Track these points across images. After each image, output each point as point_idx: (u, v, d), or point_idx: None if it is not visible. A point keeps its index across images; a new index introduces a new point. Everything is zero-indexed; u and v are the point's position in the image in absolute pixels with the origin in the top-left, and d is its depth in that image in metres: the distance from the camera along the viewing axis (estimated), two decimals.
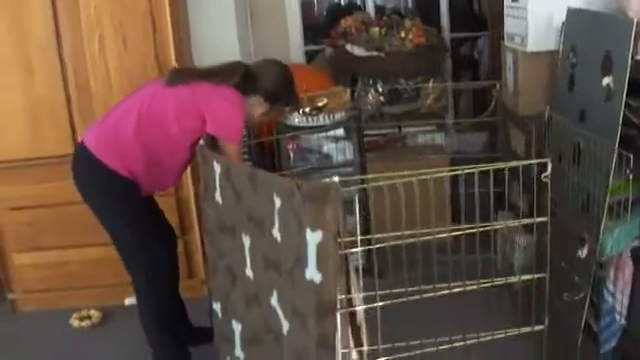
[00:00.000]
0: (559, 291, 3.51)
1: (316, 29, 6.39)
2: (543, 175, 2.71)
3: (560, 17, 3.82)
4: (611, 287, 3.50)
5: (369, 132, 5.08)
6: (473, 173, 3.18)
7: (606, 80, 3.31)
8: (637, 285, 3.42)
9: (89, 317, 4.56)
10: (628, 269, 3.43)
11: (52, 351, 4.30)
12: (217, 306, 3.35)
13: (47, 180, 4.45)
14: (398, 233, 2.77)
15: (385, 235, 2.75)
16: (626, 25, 3.15)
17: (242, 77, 3.50)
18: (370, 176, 2.85)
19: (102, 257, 4.50)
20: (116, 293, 4.58)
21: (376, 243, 2.85)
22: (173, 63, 4.29)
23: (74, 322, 4.53)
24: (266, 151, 4.72)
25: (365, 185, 2.61)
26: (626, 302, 3.47)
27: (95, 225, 4.36)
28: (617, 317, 3.52)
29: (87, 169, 3.53)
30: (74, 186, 3.68)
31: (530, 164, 2.94)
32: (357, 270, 2.75)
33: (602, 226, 3.24)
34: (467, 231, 3.03)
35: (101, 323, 4.57)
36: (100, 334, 4.48)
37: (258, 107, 3.61)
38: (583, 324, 3.39)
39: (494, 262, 4.38)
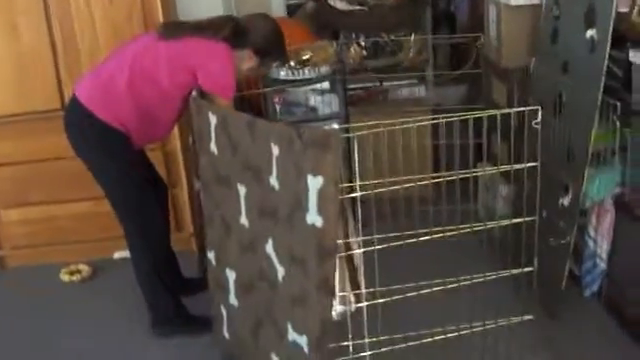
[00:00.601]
0: (542, 237, 3.62)
1: None
2: (534, 122, 2.80)
3: None
4: (592, 233, 3.63)
5: (351, 86, 5.12)
6: (453, 123, 3.28)
7: (590, 32, 3.39)
8: (618, 231, 3.55)
9: (79, 271, 4.61)
10: (610, 215, 3.55)
11: (42, 306, 4.34)
12: (211, 255, 3.41)
13: (33, 135, 4.47)
14: (385, 180, 2.85)
15: (371, 182, 2.83)
16: None
17: (232, 31, 3.52)
18: (355, 125, 2.92)
19: (90, 211, 4.57)
20: (105, 247, 4.63)
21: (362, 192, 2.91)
22: (159, 13, 4.33)
23: (64, 277, 4.58)
24: (251, 105, 4.76)
25: (355, 134, 2.66)
26: (607, 247, 3.60)
27: (82, 180, 4.41)
28: (598, 262, 3.65)
29: (79, 122, 3.56)
30: (61, 140, 3.72)
31: (517, 112, 3.01)
32: (355, 215, 2.83)
33: (585, 174, 3.34)
34: (448, 178, 3.11)
35: (91, 277, 4.61)
36: (90, 288, 4.53)
37: (247, 61, 3.63)
38: (567, 268, 3.52)
39: (475, 212, 4.48)
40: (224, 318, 3.44)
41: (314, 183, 2.59)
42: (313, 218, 2.64)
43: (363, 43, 5.38)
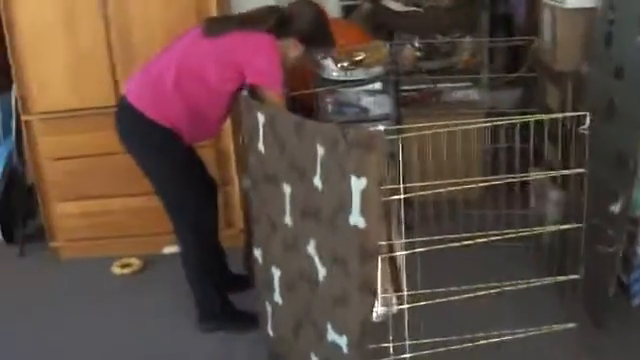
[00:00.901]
0: (591, 245, 3.58)
1: None
2: (581, 128, 2.77)
3: None
4: None
5: (405, 87, 5.11)
6: (510, 127, 3.26)
7: None
8: None
9: (130, 265, 4.68)
10: None
11: (94, 297, 4.41)
12: (258, 252, 3.44)
13: (90, 131, 4.55)
14: (431, 183, 2.84)
15: (420, 184, 2.82)
16: None
17: (276, 21, 3.52)
18: (406, 126, 2.92)
19: (143, 206, 4.61)
20: (156, 242, 4.69)
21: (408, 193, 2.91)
22: (214, 14, 4.36)
23: (115, 269, 4.65)
24: (303, 105, 4.78)
25: (400, 135, 2.66)
26: None
27: (136, 174, 4.45)
28: None
29: (130, 121, 3.62)
30: (116, 136, 3.78)
31: (566, 117, 2.99)
32: (399, 217, 2.83)
33: (635, 182, 3.30)
34: (498, 182, 3.09)
35: (141, 270, 4.68)
36: (141, 281, 4.59)
37: (293, 49, 3.61)
38: (616, 277, 3.47)
39: (525, 217, 4.44)
40: (269, 315, 3.46)
41: (358, 184, 2.61)
42: (356, 219, 2.65)
43: (417, 44, 5.36)
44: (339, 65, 4.47)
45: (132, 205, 4.68)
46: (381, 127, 2.55)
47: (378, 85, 4.57)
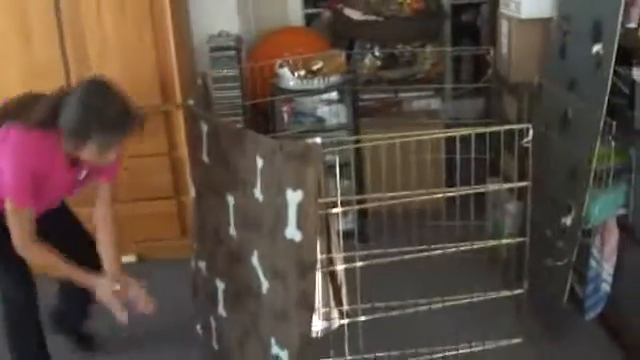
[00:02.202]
0: (544, 258, 3.54)
1: None
2: (524, 141, 2.72)
3: None
4: (597, 254, 3.53)
5: (365, 96, 5.08)
6: (463, 137, 3.20)
7: (596, 47, 3.31)
8: (622, 253, 3.45)
9: None
10: (614, 237, 3.45)
11: None
12: (202, 264, 3.38)
13: None
14: (382, 195, 2.80)
15: (367, 196, 2.78)
16: None
17: (48, 112, 2.81)
18: (354, 137, 2.87)
19: None
20: None
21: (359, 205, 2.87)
22: (169, 23, 4.30)
23: None
24: (260, 113, 4.74)
25: (351, 146, 2.62)
26: (611, 270, 3.50)
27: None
28: (603, 284, 3.55)
29: None
30: None
31: (512, 129, 2.94)
32: (338, 231, 2.78)
33: (587, 194, 3.26)
34: (452, 193, 3.05)
35: None
36: None
37: (75, 148, 2.82)
38: (568, 291, 3.42)
39: (482, 229, 4.41)
40: (213, 329, 3.40)
41: (294, 197, 2.57)
42: (292, 233, 2.61)
43: (378, 53, 5.32)
44: (296, 74, 4.41)
45: (87, 214, 4.52)
46: (318, 139, 2.49)
47: (335, 95, 4.50)
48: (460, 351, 2.91)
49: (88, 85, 2.84)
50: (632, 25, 3.30)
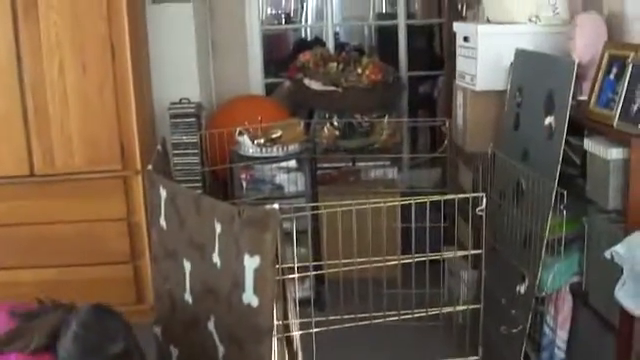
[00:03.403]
0: (499, 325, 3.55)
1: (281, 62, 6.40)
2: (478, 209, 2.75)
3: (509, 58, 3.90)
4: (551, 322, 3.55)
5: (323, 165, 5.12)
6: (420, 206, 3.22)
7: (548, 119, 3.38)
8: (576, 320, 3.47)
9: None
10: (567, 304, 3.48)
11: None
12: (158, 330, 3.33)
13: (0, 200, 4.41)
14: (334, 261, 2.80)
15: (323, 263, 2.78)
16: (568, 65, 3.23)
17: (45, 339, 2.63)
18: (313, 204, 2.88)
19: (54, 279, 4.48)
20: None
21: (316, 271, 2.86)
22: (130, 88, 4.32)
23: None
24: (219, 180, 4.74)
25: (308, 212, 2.62)
26: (565, 336, 3.51)
27: (47, 247, 4.40)
28: (557, 351, 3.55)
29: None
30: (27, 206, 4.00)
31: (467, 198, 2.97)
32: (294, 297, 2.77)
33: (541, 263, 3.28)
34: (406, 260, 3.05)
35: None
36: None
37: None
38: (522, 358, 3.42)
39: (440, 296, 4.40)
40: None
41: (250, 263, 2.55)
42: (249, 297, 2.59)
43: (336, 123, 5.37)
44: (255, 142, 4.43)
45: (44, 277, 4.51)
46: (276, 206, 2.50)
47: (293, 163, 4.52)
48: None
49: (87, 315, 2.62)
50: (583, 97, 3.39)
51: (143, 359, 2.73)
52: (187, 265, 2.97)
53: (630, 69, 3.08)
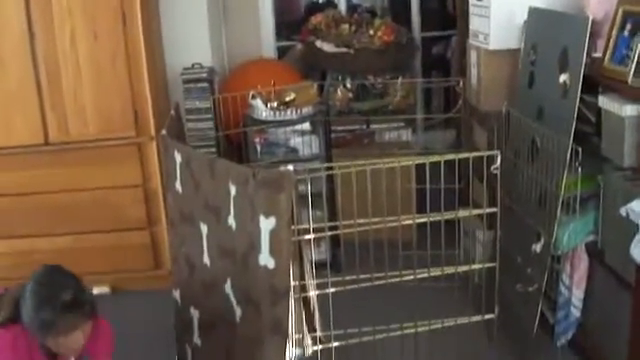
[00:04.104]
0: (514, 283, 3.56)
1: (293, 25, 6.36)
2: (493, 167, 2.75)
3: (522, 16, 3.88)
4: (567, 280, 3.56)
5: (337, 128, 5.09)
6: (434, 167, 3.22)
7: (562, 77, 3.36)
8: (592, 279, 3.48)
9: None
10: (583, 263, 3.49)
11: None
12: (177, 294, 3.37)
13: (16, 169, 4.44)
14: (349, 222, 2.81)
15: (338, 223, 2.79)
16: (582, 22, 3.20)
17: (10, 310, 2.81)
18: (326, 165, 2.89)
19: (69, 246, 4.52)
20: (85, 282, 4.56)
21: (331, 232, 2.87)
22: (142, 55, 4.31)
23: None
24: (233, 144, 4.74)
25: (323, 173, 2.63)
26: (581, 295, 3.52)
27: (63, 215, 4.41)
28: (573, 310, 3.57)
29: None
30: (43, 175, 4.04)
31: (481, 156, 2.97)
32: (310, 259, 2.79)
33: (556, 221, 3.28)
34: (418, 221, 3.06)
35: None
36: None
37: (43, 341, 2.79)
38: (538, 316, 3.43)
39: (456, 257, 4.41)
40: (189, 358, 3.38)
41: (266, 224, 2.57)
42: (265, 259, 2.61)
43: (349, 85, 5.36)
44: (268, 105, 4.43)
45: (61, 245, 4.56)
46: (290, 167, 2.51)
47: (307, 126, 4.52)
48: None
49: (38, 274, 2.82)
50: (597, 54, 3.37)
51: (94, 307, 2.84)
52: (204, 228, 3.00)
53: None
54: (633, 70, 3.05)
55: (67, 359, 2.96)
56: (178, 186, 3.14)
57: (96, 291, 4.58)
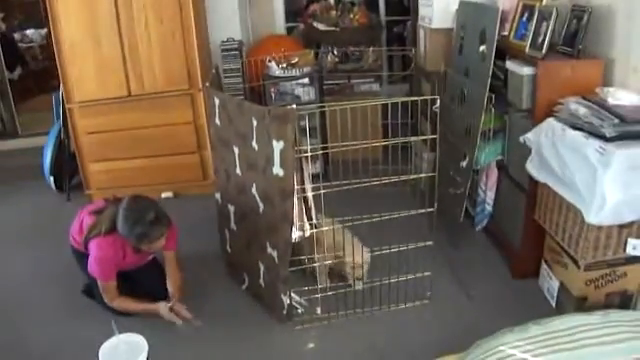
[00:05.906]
0: (448, 188, 3.57)
1: (297, 11, 6.24)
2: (434, 107, 2.73)
3: (455, 5, 3.82)
4: (483, 186, 3.57)
5: (328, 82, 5.03)
6: (394, 107, 3.19)
7: (482, 48, 3.32)
8: (500, 185, 3.49)
9: None
10: (494, 174, 3.50)
11: None
12: (218, 195, 3.38)
13: (110, 113, 4.39)
14: (336, 144, 2.80)
15: (328, 145, 2.77)
16: (495, 11, 3.16)
17: (109, 225, 2.92)
18: (319, 105, 2.84)
19: (147, 165, 4.53)
20: (156, 189, 4.57)
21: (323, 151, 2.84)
22: (193, 33, 4.24)
23: None
24: (255, 93, 4.70)
25: (316, 110, 2.60)
26: (493, 196, 3.55)
27: (141, 144, 4.39)
28: (487, 206, 3.60)
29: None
30: (126, 117, 4.10)
31: (426, 100, 2.95)
32: (309, 171, 2.78)
33: (477, 146, 3.28)
34: (383, 144, 3.04)
35: None
36: None
37: (135, 244, 2.92)
38: (463, 210, 3.46)
39: (409, 170, 4.39)
40: (227, 238, 3.41)
41: (278, 145, 2.57)
42: (277, 170, 2.62)
43: (336, 52, 5.30)
44: (280, 66, 4.39)
45: (140, 164, 4.55)
46: (294, 106, 2.49)
47: (307, 80, 4.47)
48: (390, 250, 2.93)
49: (128, 202, 2.89)
50: (505, 33, 3.34)
51: (169, 221, 2.94)
52: (236, 150, 2.99)
53: (536, 13, 3.06)
54: (529, 44, 3.04)
55: (149, 253, 3.08)
56: (217, 121, 3.12)
57: (164, 195, 4.62)
